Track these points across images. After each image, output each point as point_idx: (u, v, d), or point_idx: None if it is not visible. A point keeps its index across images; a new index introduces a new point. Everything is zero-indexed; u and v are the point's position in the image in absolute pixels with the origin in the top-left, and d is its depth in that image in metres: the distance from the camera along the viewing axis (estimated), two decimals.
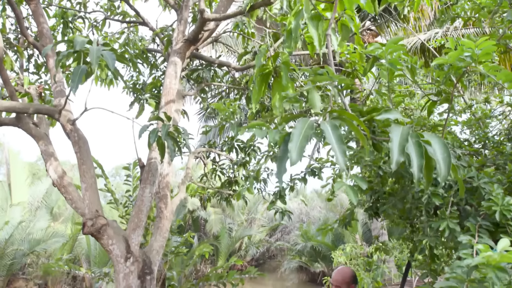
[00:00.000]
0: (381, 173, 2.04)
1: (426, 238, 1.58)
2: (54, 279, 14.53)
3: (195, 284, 5.41)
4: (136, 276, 2.65)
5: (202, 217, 17.10)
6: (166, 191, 3.39)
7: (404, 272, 5.78)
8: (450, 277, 1.01)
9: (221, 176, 5.36)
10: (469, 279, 0.98)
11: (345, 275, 2.98)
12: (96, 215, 2.44)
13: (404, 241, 5.32)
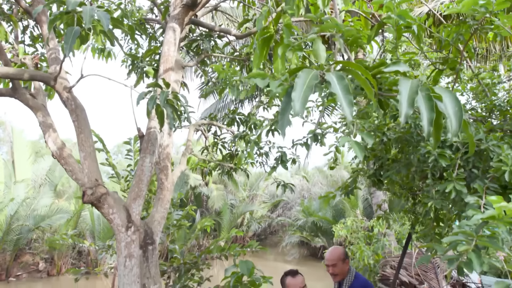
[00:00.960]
0: (385, 139, 1.99)
1: (431, 200, 1.55)
2: (60, 254, 14.82)
3: (197, 256, 5.45)
4: (138, 245, 2.66)
5: (204, 193, 17.25)
6: (166, 162, 3.37)
7: (404, 244, 5.84)
8: (458, 232, 0.97)
9: (222, 150, 5.33)
10: (478, 236, 0.94)
11: (339, 253, 3.05)
12: (96, 184, 2.41)
13: (406, 213, 5.34)
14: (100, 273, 5.42)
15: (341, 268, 2.98)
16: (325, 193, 2.31)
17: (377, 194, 8.84)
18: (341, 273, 2.98)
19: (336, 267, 2.97)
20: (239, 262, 3.05)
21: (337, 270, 2.98)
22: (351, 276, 3.00)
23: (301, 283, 2.62)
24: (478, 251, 0.92)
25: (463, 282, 6.30)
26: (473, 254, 0.92)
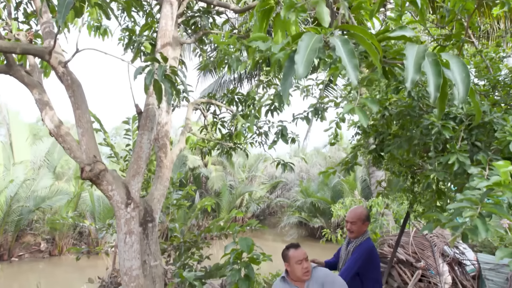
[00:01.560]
0: (387, 114, 1.96)
1: (433, 172, 1.53)
2: (61, 234, 14.97)
3: (197, 235, 5.50)
4: (138, 222, 2.66)
5: (203, 174, 17.30)
6: (165, 140, 3.34)
7: (402, 223, 5.89)
8: (463, 199, 0.96)
9: (221, 129, 5.30)
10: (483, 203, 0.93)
11: (360, 213, 3.09)
12: (94, 160, 2.39)
13: (404, 193, 5.36)
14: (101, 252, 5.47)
15: (359, 227, 3.05)
16: (326, 168, 2.29)
17: (376, 174, 8.87)
18: (357, 232, 3.05)
19: (354, 225, 3.04)
20: (239, 239, 3.07)
21: (355, 228, 3.05)
22: (364, 238, 3.06)
23: (304, 255, 2.64)
24: (483, 217, 0.91)
25: (459, 260, 6.39)
26: (479, 220, 0.90)
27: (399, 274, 5.89)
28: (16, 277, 12.03)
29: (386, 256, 6.10)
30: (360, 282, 3.02)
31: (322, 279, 2.61)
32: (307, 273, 2.61)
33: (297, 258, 2.63)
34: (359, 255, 2.97)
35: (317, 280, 2.63)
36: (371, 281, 3.05)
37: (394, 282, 5.88)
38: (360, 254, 2.97)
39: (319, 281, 2.62)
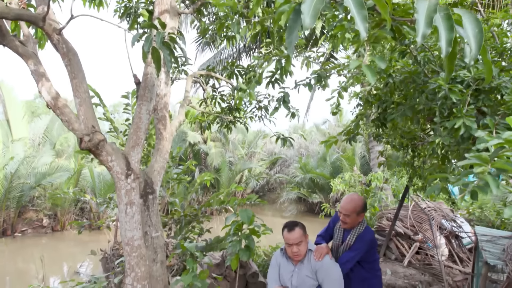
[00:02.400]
0: (391, 81, 1.91)
1: (439, 138, 1.50)
2: (63, 210, 15.12)
3: (197, 209, 5.54)
4: (138, 193, 2.66)
5: (203, 150, 17.32)
6: (164, 112, 3.30)
7: (401, 197, 5.94)
8: (473, 156, 0.93)
9: (221, 103, 5.24)
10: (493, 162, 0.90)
11: (355, 206, 2.89)
12: (93, 130, 2.36)
13: (404, 166, 5.36)
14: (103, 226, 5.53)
15: (353, 220, 2.90)
16: (327, 138, 2.26)
17: (375, 149, 8.88)
18: (351, 223, 2.92)
19: (348, 218, 2.89)
20: (239, 210, 3.08)
21: (349, 220, 2.90)
22: (362, 227, 2.93)
23: (294, 240, 2.57)
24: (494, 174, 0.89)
25: (456, 233, 6.49)
26: (489, 177, 0.88)
27: (397, 246, 5.99)
28: (20, 252, 12.24)
29: (385, 230, 6.19)
30: (361, 266, 3.00)
31: (317, 266, 2.59)
32: (296, 256, 2.60)
33: (287, 241, 2.61)
34: (361, 248, 2.88)
35: (312, 265, 2.60)
36: (371, 263, 3.05)
37: (391, 254, 5.99)
38: (362, 247, 2.88)
39: (314, 266, 2.60)
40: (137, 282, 2.66)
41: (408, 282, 5.03)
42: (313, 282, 2.57)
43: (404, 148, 5.12)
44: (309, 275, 2.57)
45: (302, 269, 2.61)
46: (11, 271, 9.80)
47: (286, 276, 2.65)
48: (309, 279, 2.57)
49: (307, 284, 2.57)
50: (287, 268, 2.67)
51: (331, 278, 2.54)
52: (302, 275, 2.59)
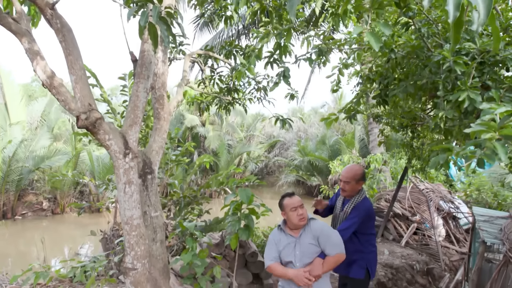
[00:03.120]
0: (393, 56, 1.87)
1: (442, 111, 1.47)
2: (62, 193, 15.18)
3: (196, 190, 5.55)
4: (137, 172, 2.64)
5: (201, 134, 17.28)
6: (162, 92, 3.25)
7: (400, 178, 5.95)
8: (481, 123, 0.91)
9: (219, 83, 5.18)
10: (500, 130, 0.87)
11: (355, 173, 3.05)
12: (90, 108, 2.32)
13: (403, 147, 5.35)
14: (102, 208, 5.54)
15: (352, 187, 3.03)
16: (328, 114, 2.23)
17: (375, 132, 8.84)
18: (350, 191, 3.04)
19: (347, 185, 3.03)
20: (239, 190, 3.07)
21: (348, 187, 3.03)
22: (360, 197, 3.04)
23: (297, 202, 2.65)
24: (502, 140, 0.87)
25: (453, 214, 6.54)
26: (498, 144, 0.86)
27: (394, 227, 6.04)
28: (21, 234, 12.33)
29: (383, 211, 6.23)
30: (357, 238, 3.05)
31: (318, 232, 2.62)
32: (302, 219, 2.64)
33: (291, 205, 2.65)
34: (357, 216, 2.96)
35: (313, 231, 2.64)
36: (367, 236, 3.09)
37: (389, 235, 6.04)
38: (358, 216, 2.96)
39: (314, 233, 2.64)
40: (137, 261, 2.68)
41: (406, 261, 5.09)
42: (317, 249, 2.60)
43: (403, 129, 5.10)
44: (312, 242, 2.60)
45: (304, 238, 2.63)
46: (13, 253, 9.90)
47: (288, 249, 2.66)
48: (313, 246, 2.60)
49: (311, 251, 2.60)
50: (288, 241, 2.68)
51: (332, 243, 2.59)
52: (305, 244, 2.61)
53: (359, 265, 3.04)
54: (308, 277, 2.55)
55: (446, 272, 5.27)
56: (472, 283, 3.56)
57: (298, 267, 2.63)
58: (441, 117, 1.42)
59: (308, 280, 2.56)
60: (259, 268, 3.92)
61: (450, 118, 1.42)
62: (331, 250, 2.60)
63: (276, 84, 2.02)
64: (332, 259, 2.61)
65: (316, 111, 25.46)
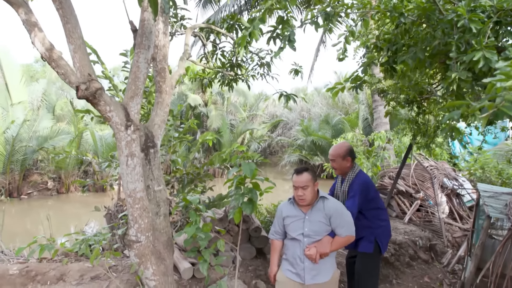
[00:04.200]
0: (403, 20, 1.79)
1: (455, 73, 1.41)
2: (67, 173, 15.29)
3: (199, 167, 5.54)
4: (139, 145, 2.60)
5: (203, 113, 17.21)
6: (163, 64, 3.18)
7: (404, 155, 5.91)
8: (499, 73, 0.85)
9: (222, 59, 5.09)
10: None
11: (339, 149, 3.10)
12: (89, 78, 2.27)
13: (408, 124, 5.28)
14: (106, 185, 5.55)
15: (339, 164, 3.09)
16: (334, 84, 2.16)
17: (379, 109, 8.76)
18: (339, 168, 3.10)
19: (334, 162, 3.11)
20: (242, 163, 3.03)
21: (336, 165, 3.11)
22: (353, 173, 3.05)
23: (301, 183, 2.58)
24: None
25: (457, 191, 6.52)
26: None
27: (398, 204, 6.04)
28: (27, 213, 12.50)
29: (386, 188, 6.21)
30: (363, 215, 3.04)
31: (331, 211, 2.60)
32: (301, 200, 2.62)
33: (294, 184, 2.63)
34: (356, 194, 2.97)
35: (326, 210, 2.62)
36: (374, 211, 3.08)
37: (392, 212, 6.05)
38: (356, 193, 2.96)
39: (327, 212, 2.61)
40: (140, 234, 2.68)
41: (408, 237, 5.11)
42: (327, 228, 2.60)
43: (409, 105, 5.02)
44: (323, 220, 2.59)
45: (314, 215, 2.62)
46: (19, 231, 10.04)
47: (297, 224, 2.66)
48: (323, 224, 2.59)
49: (321, 229, 2.59)
50: (297, 216, 2.67)
51: (344, 224, 2.59)
52: (314, 221, 2.60)
53: (367, 240, 3.04)
54: (312, 254, 2.55)
55: (448, 248, 5.29)
56: (475, 257, 3.56)
57: (306, 242, 2.62)
58: (453, 79, 1.36)
59: (313, 258, 2.56)
60: (262, 243, 3.94)
61: (463, 80, 1.36)
62: (343, 231, 2.60)
63: (281, 49, 1.95)
64: (342, 240, 2.61)
65: (319, 91, 25.21)
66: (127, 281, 3.34)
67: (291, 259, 2.70)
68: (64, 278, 3.42)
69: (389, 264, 4.57)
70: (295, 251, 2.67)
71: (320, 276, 2.63)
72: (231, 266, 3.77)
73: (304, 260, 2.62)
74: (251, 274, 3.72)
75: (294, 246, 2.68)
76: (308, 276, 2.61)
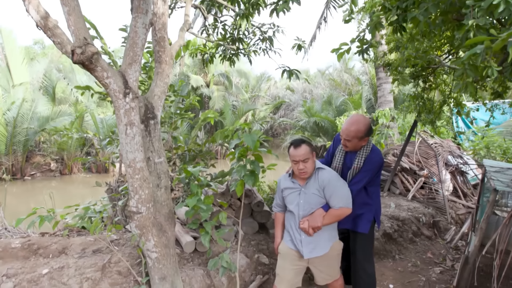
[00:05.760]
0: None
1: (472, 19, 1.31)
2: (69, 155, 15.32)
3: (201, 144, 5.48)
4: (138, 114, 2.54)
5: (205, 94, 17.07)
6: (163, 33, 3.08)
7: (408, 132, 5.82)
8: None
9: (223, 33, 4.96)
10: None
11: (357, 130, 2.68)
12: (85, 42, 2.18)
13: (413, 100, 5.18)
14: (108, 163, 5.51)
15: (354, 145, 2.76)
16: (339, 44, 2.06)
17: (383, 87, 8.62)
18: (353, 148, 2.80)
19: (349, 142, 2.76)
20: (244, 134, 2.97)
21: (350, 145, 2.78)
22: (368, 148, 2.78)
23: (300, 156, 2.49)
24: None
25: (461, 169, 6.46)
26: None
27: (401, 181, 5.99)
28: (31, 193, 12.57)
29: (390, 165, 6.15)
30: (365, 191, 2.93)
31: (324, 182, 2.54)
32: (302, 173, 2.55)
33: (293, 158, 2.55)
34: (371, 169, 2.77)
35: (319, 181, 2.56)
36: (375, 187, 2.99)
37: (396, 189, 6.01)
38: (372, 169, 2.77)
39: (321, 183, 2.55)
40: (141, 204, 2.64)
41: (412, 214, 5.08)
42: (320, 200, 2.55)
43: (415, 80, 4.90)
44: (316, 192, 2.54)
45: (309, 187, 2.57)
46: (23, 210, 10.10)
47: (293, 196, 2.62)
48: (316, 196, 2.54)
49: (315, 202, 2.55)
50: (294, 189, 2.63)
51: (338, 195, 2.52)
52: (309, 193, 2.56)
53: (366, 219, 2.92)
54: (305, 227, 2.50)
55: (452, 225, 5.27)
56: (480, 230, 3.52)
57: (301, 215, 2.58)
58: (470, 25, 1.26)
59: (306, 231, 2.51)
60: (265, 218, 3.91)
61: (481, 27, 1.26)
62: (336, 203, 2.53)
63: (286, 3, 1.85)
64: (336, 212, 2.53)
65: (321, 72, 24.91)
66: (129, 254, 3.32)
67: (290, 231, 2.68)
68: (66, 251, 3.41)
69: (392, 240, 4.56)
70: (293, 224, 2.65)
71: (318, 249, 2.59)
72: (233, 240, 3.75)
73: (301, 233, 2.59)
74: (253, 248, 3.71)
75: (291, 219, 2.66)
76: (306, 250, 2.58)
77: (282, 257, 2.74)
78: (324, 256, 2.61)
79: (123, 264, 3.15)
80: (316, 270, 2.69)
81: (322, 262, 2.65)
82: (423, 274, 3.98)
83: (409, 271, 4.05)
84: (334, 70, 23.64)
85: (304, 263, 2.67)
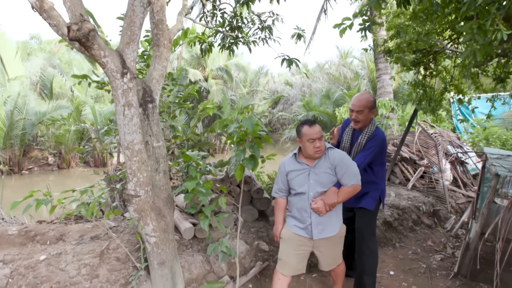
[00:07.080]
0: None
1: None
2: (67, 148, 15.24)
3: (200, 134, 5.44)
4: (136, 95, 2.49)
5: (204, 88, 16.99)
6: (161, 16, 3.02)
7: (408, 121, 5.79)
8: None
9: (221, 21, 4.90)
10: None
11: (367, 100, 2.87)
12: (81, 19, 2.13)
13: (414, 88, 5.14)
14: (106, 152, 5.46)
15: (366, 116, 2.88)
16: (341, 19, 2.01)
17: (382, 78, 8.58)
18: (364, 121, 2.89)
19: (361, 114, 2.86)
20: (242, 118, 2.92)
21: (362, 117, 2.87)
22: (373, 126, 2.92)
23: (316, 134, 2.49)
24: None
25: (461, 159, 6.44)
26: None
27: (401, 171, 5.97)
28: (29, 186, 12.49)
29: (390, 155, 6.13)
30: (371, 169, 2.96)
31: (336, 161, 2.53)
32: (319, 151, 2.53)
33: (309, 137, 2.51)
34: (374, 147, 2.86)
35: (330, 160, 2.55)
36: (380, 166, 3.00)
37: (396, 179, 5.98)
38: (375, 146, 2.86)
39: (332, 162, 2.54)
40: (139, 188, 2.60)
41: (412, 203, 5.06)
42: (332, 178, 2.52)
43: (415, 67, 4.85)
44: (328, 171, 2.51)
45: (319, 167, 2.54)
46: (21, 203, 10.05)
47: (302, 178, 2.57)
48: (328, 175, 2.51)
49: (327, 181, 2.52)
50: (302, 170, 2.58)
51: (350, 173, 2.51)
52: (320, 173, 2.53)
53: (372, 197, 2.97)
54: (318, 207, 2.47)
55: (452, 214, 5.25)
56: (481, 216, 3.50)
57: (312, 196, 2.54)
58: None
59: (320, 210, 2.49)
60: (264, 205, 3.88)
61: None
62: (349, 181, 2.53)
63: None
64: (348, 189, 2.54)
65: (320, 66, 24.83)
66: (128, 240, 3.29)
67: (297, 215, 2.63)
68: (63, 238, 3.37)
69: (392, 228, 4.54)
70: (301, 206, 2.59)
71: (327, 230, 2.57)
72: (233, 227, 3.72)
73: (311, 214, 2.55)
74: (253, 235, 3.67)
75: (300, 201, 2.59)
76: (315, 230, 2.55)
77: (285, 242, 2.69)
78: (329, 239, 2.59)
79: (122, 250, 3.12)
80: (321, 255, 2.66)
81: (327, 246, 2.62)
82: (423, 261, 3.96)
83: (410, 259, 4.03)
84: (333, 64, 23.60)
85: (309, 248, 2.63)
